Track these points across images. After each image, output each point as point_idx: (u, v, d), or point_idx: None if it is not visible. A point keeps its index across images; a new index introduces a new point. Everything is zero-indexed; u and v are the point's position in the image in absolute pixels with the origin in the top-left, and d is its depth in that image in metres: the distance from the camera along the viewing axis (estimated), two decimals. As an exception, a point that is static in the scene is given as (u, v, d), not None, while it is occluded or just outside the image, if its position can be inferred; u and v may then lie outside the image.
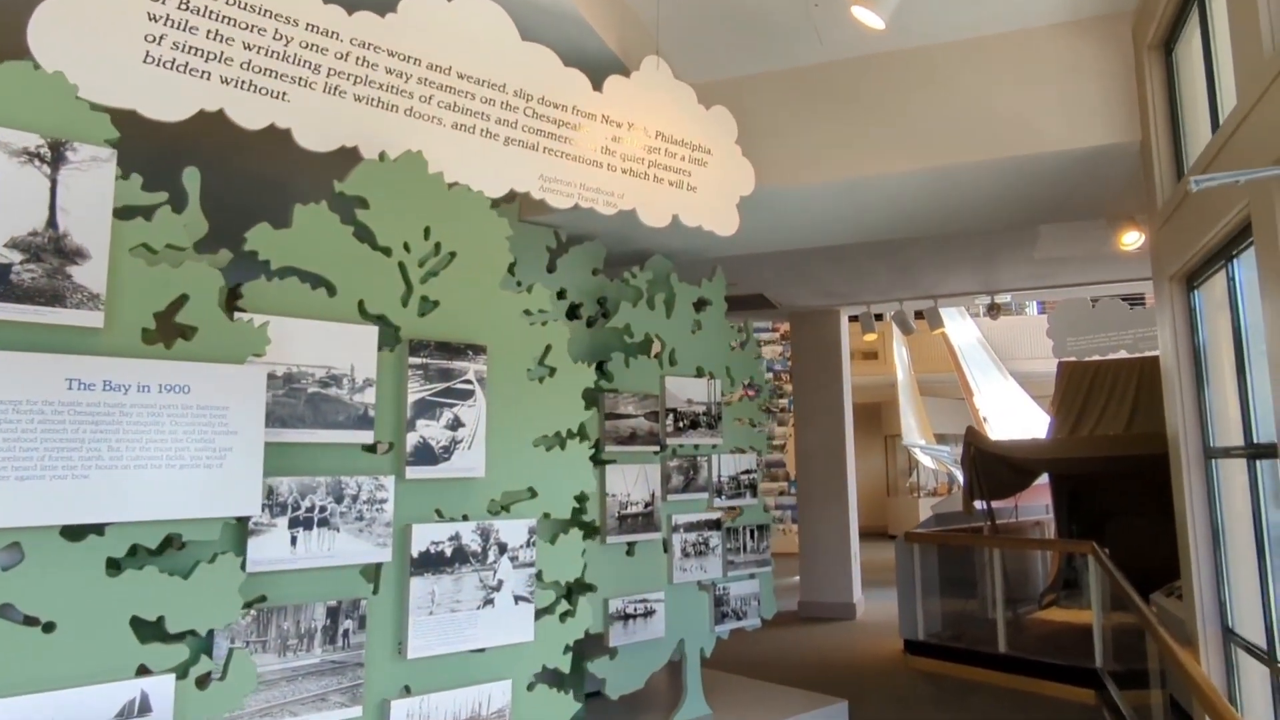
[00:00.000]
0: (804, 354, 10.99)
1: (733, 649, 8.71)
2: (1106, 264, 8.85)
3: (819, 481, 10.67)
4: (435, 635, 3.53)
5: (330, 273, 3.48)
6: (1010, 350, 17.36)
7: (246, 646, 3.09)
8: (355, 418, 3.41)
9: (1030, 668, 7.34)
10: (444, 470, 3.62)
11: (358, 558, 3.37)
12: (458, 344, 3.74)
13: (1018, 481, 9.15)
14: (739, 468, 6.43)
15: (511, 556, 3.77)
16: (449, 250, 3.81)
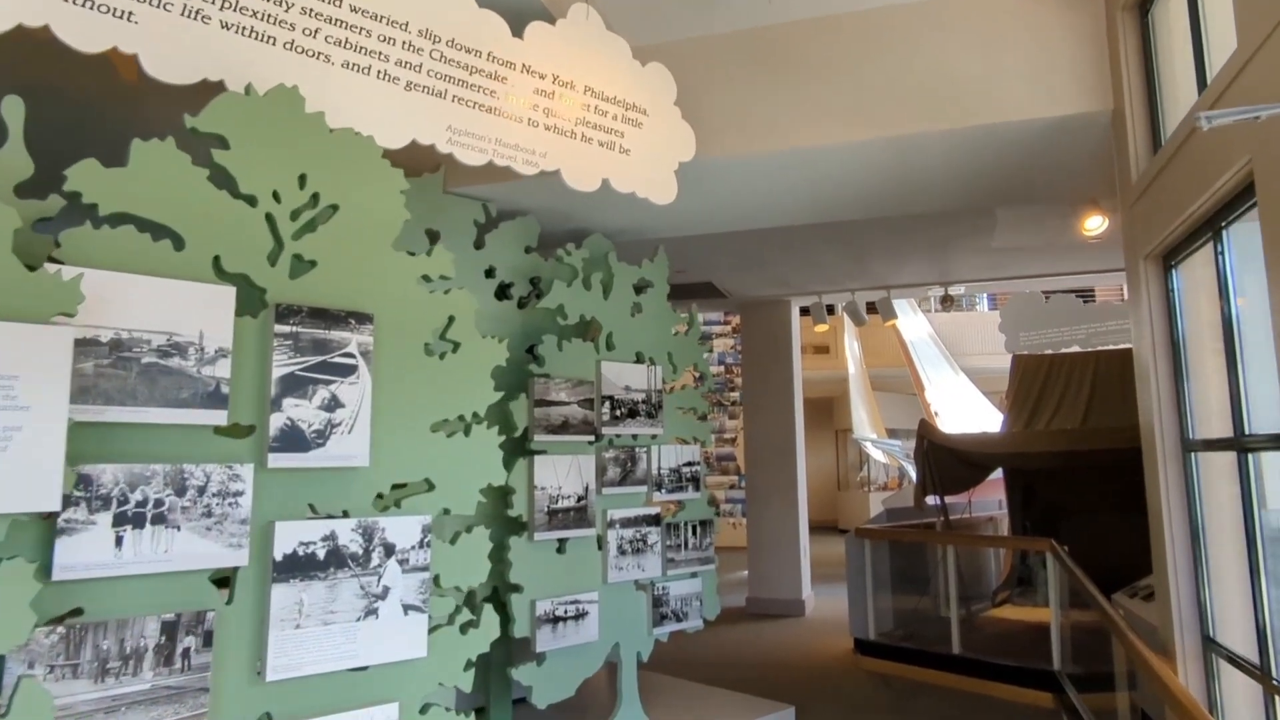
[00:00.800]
0: (754, 345, 10.43)
1: (676, 649, 8.11)
2: (1064, 254, 8.37)
3: (768, 475, 10.11)
4: (303, 652, 2.88)
5: (177, 222, 2.81)
6: (961, 346, 16.96)
7: (51, 672, 2.43)
8: (204, 394, 2.75)
9: (985, 669, 6.82)
10: (317, 458, 2.97)
11: (204, 561, 2.71)
12: (337, 311, 3.09)
13: (971, 476, 8.65)
14: (681, 460, 5.83)
15: (400, 559, 3.13)
16: (330, 203, 3.16)
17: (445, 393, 3.37)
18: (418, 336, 3.33)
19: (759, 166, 5.16)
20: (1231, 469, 3.71)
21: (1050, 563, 6.60)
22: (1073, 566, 6.04)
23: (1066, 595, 6.57)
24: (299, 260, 3.06)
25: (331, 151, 3.18)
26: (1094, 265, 8.87)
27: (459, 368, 3.43)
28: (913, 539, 7.67)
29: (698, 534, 5.85)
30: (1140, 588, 5.73)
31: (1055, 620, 6.54)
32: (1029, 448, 7.66)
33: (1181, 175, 3.64)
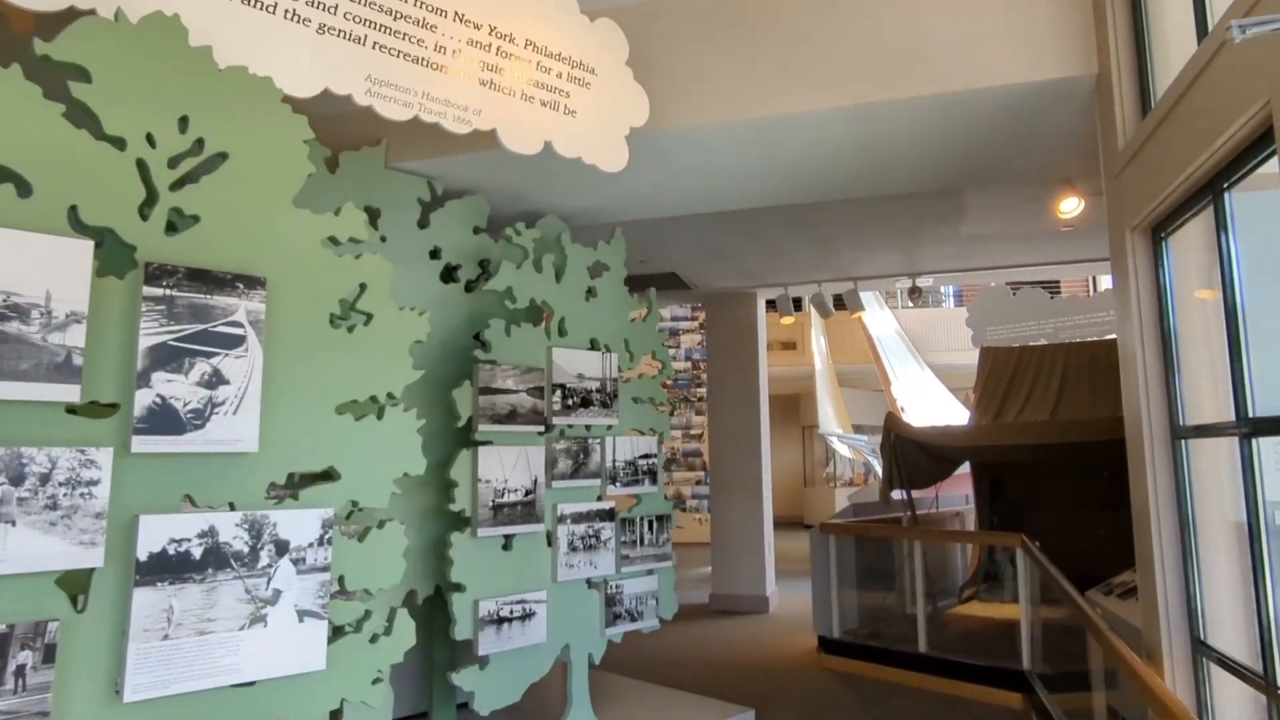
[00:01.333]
0: (719, 338, 10.00)
1: (635, 648, 7.66)
2: (1034, 244, 8.01)
3: (733, 470, 9.69)
4: (171, 667, 2.40)
5: (22, 164, 2.33)
6: (927, 342, 16.64)
7: None
8: (51, 366, 2.27)
9: (952, 669, 6.42)
10: (194, 442, 2.49)
11: (46, 562, 2.23)
12: (222, 274, 2.61)
13: (938, 470, 8.27)
14: (637, 451, 5.39)
15: (296, 558, 2.65)
16: (217, 150, 2.68)
17: (354, 370, 2.90)
18: (322, 305, 2.86)
19: (718, 138, 4.72)
20: (1227, 457, 3.32)
21: (1021, 559, 6.21)
22: (1045, 563, 5.66)
23: (1037, 592, 6.19)
24: (178, 214, 2.59)
25: (221, 93, 2.70)
26: (1063, 255, 8.52)
27: (371, 342, 2.96)
28: (878, 534, 7.28)
29: (654, 529, 5.41)
30: (1116, 584, 5.36)
31: (1025, 618, 6.16)
32: (997, 440, 7.29)
33: (1176, 136, 3.24)
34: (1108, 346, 8.36)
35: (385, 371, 2.98)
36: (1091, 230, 7.63)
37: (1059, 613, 6.80)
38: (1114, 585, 5.35)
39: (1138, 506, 3.93)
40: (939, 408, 13.91)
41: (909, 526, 7.61)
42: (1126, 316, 3.88)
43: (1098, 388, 8.16)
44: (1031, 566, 6.15)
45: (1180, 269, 3.66)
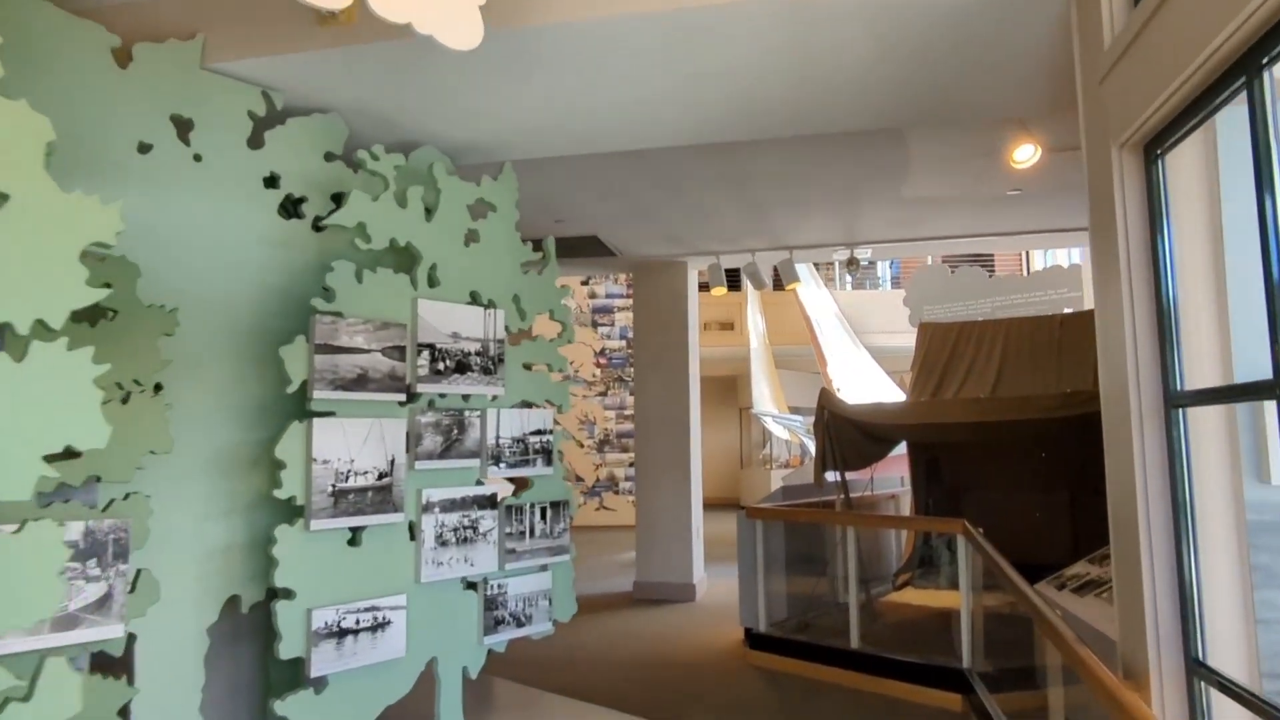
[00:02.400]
0: (647, 309, 9.03)
1: (543, 645, 6.69)
2: (979, 210, 7.17)
3: (660, 450, 8.75)
4: None
5: None
6: (863, 324, 15.88)
7: None
8: None
9: (886, 667, 5.56)
10: None
11: None
12: None
13: (874, 450, 7.42)
14: (528, 426, 4.40)
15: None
16: None
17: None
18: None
19: (613, 39, 3.72)
20: (1251, 431, 2.45)
21: (962, 546, 5.36)
22: (991, 551, 4.81)
23: (979, 584, 5.35)
24: None
25: None
26: (1008, 225, 7.71)
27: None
28: (809, 519, 6.39)
29: (549, 518, 4.44)
30: (1069, 577, 4.52)
31: (965, 612, 5.32)
32: (936, 418, 6.44)
33: (1183, 17, 2.34)
34: (1049, 323, 7.59)
35: (24, 293, 1.94)
36: (1040, 197, 6.81)
37: (999, 602, 5.99)
38: (1066, 578, 4.52)
39: (1117, 492, 3.06)
40: (875, 390, 13.14)
41: (842, 511, 6.74)
42: (1108, 257, 2.98)
43: (1040, 365, 7.37)
44: (973, 555, 5.31)
45: (1181, 194, 2.77)
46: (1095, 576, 4.19)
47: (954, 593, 7.61)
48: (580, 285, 15.60)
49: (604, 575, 10.20)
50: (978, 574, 5.27)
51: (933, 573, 7.89)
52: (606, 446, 15.41)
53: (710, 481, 20.34)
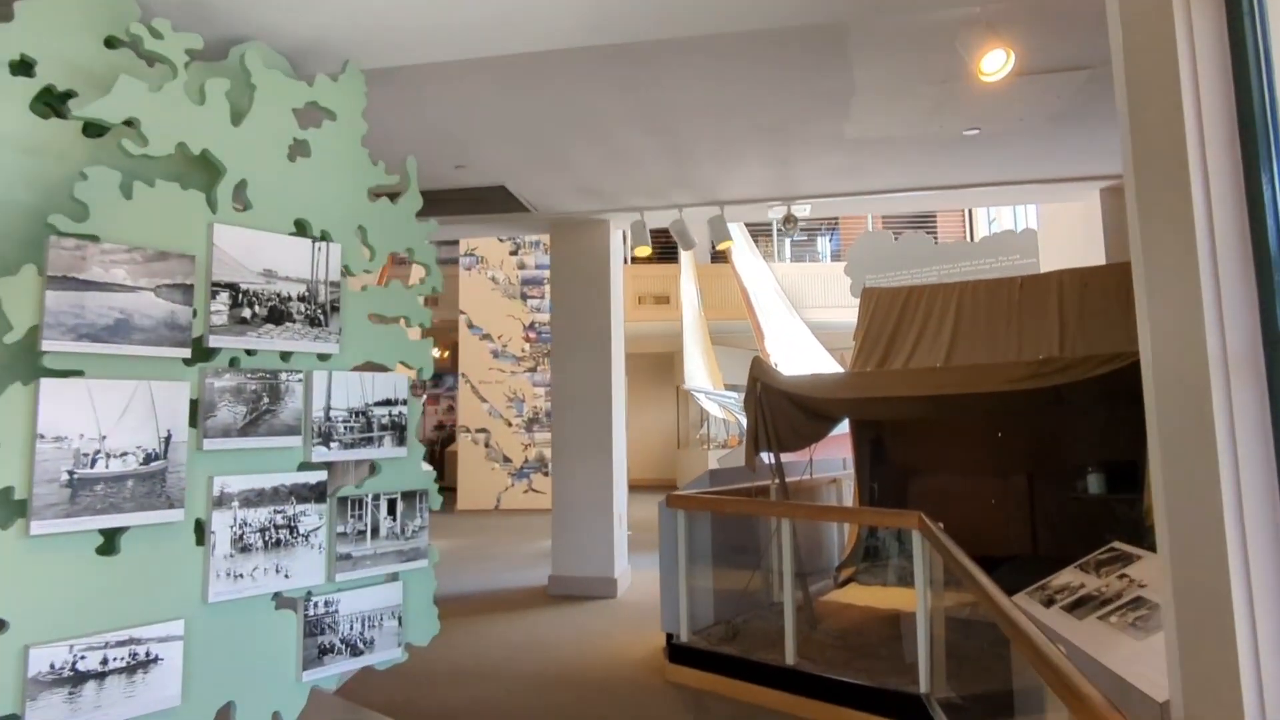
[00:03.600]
0: (565, 272, 8.01)
1: (431, 653, 5.68)
2: (930, 156, 6.29)
3: (578, 428, 7.77)
4: None
5: None
6: (802, 298, 15.08)
7: None
8: None
9: (828, 690, 4.66)
10: None
11: None
12: None
13: (813, 429, 6.52)
14: (373, 395, 3.38)
15: None
16: None
17: None
18: None
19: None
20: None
21: (918, 545, 4.47)
22: (956, 552, 3.92)
23: (939, 589, 4.47)
24: None
25: None
26: (964, 174, 6.85)
27: None
28: (737, 510, 5.48)
29: (400, 513, 3.42)
30: (1057, 590, 3.65)
31: (922, 626, 4.43)
32: (883, 391, 5.55)
33: None
34: (1008, 286, 6.76)
35: None
36: (1002, 140, 5.95)
37: (961, 605, 5.15)
38: (1053, 590, 3.64)
39: (1175, 476, 2.12)
40: (816, 367, 12.33)
41: (777, 501, 5.83)
42: (1161, 158, 2.03)
43: (997, 332, 6.54)
44: (931, 556, 4.42)
45: None
46: (1095, 591, 3.32)
47: (904, 590, 6.80)
48: (509, 255, 14.50)
49: (520, 566, 9.21)
50: (937, 577, 4.40)
51: (879, 566, 7.05)
52: (536, 425, 14.39)
53: (646, 462, 19.52)
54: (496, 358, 14.45)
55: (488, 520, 13.06)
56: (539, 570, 8.58)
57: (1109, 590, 3.33)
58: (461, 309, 14.50)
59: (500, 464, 14.25)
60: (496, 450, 14.30)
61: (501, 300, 14.45)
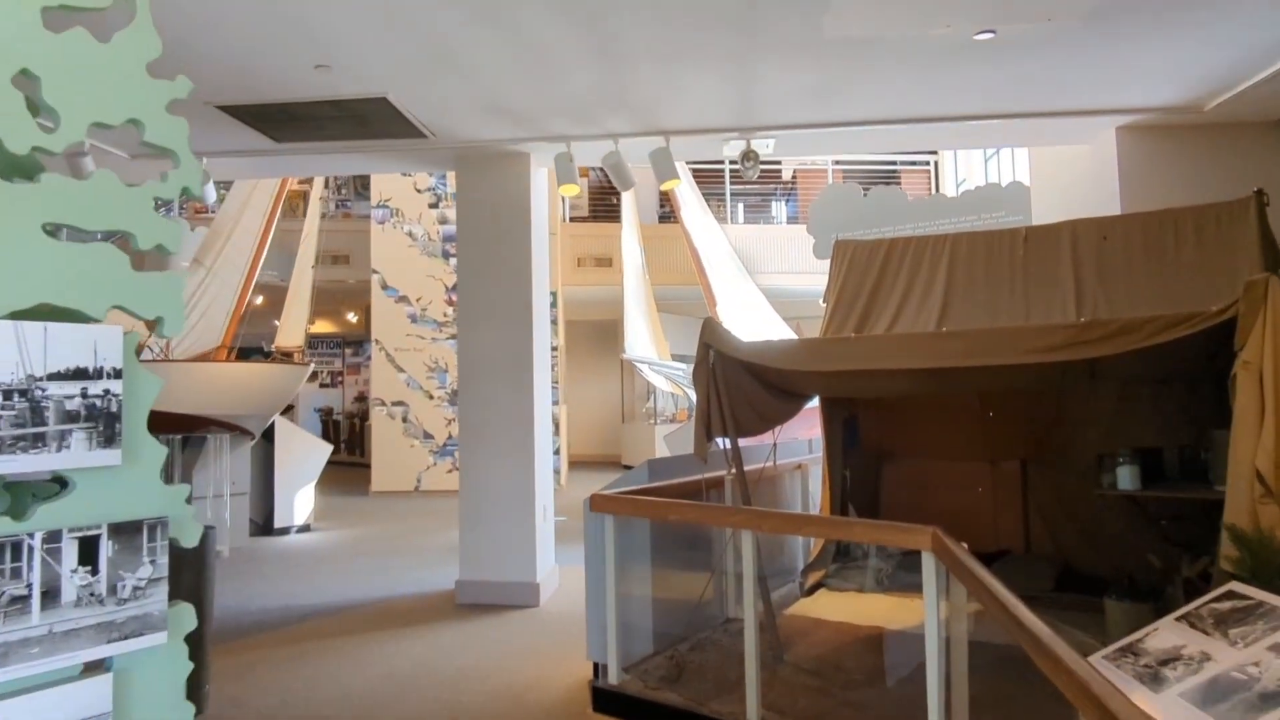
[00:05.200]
0: (474, 217, 6.53)
1: (291, 690, 4.28)
2: (924, 74, 4.97)
3: (491, 407, 6.36)
4: None
5: None
6: (756, 263, 13.77)
7: None
8: None
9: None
10: None
11: None
12: None
13: (778, 408, 5.23)
14: (45, 363, 1.92)
15: None
16: None
17: None
18: None
19: None
20: None
21: (932, 570, 3.15)
22: (996, 589, 2.62)
23: (962, 635, 3.18)
24: None
25: None
26: (960, 104, 5.55)
27: None
28: (685, 517, 4.11)
29: (105, 561, 1.99)
30: (1162, 660, 2.33)
31: (934, 677, 3.12)
32: (875, 361, 4.21)
33: None
34: (1010, 239, 5.48)
35: None
36: (1015, 54, 4.67)
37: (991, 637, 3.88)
38: (1155, 658, 2.33)
39: None
40: (772, 337, 11.05)
41: (737, 509, 4.47)
42: None
43: (999, 292, 5.26)
44: (950, 585, 3.13)
45: None
46: (1241, 672, 1.99)
47: (883, 598, 5.57)
48: (429, 209, 12.89)
49: (432, 562, 7.82)
50: (958, 614, 3.10)
51: (853, 568, 5.80)
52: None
53: (588, 438, 18.15)
54: (415, 323, 12.88)
55: (405, 504, 11.60)
56: (453, 569, 7.20)
57: (1266, 672, 2.06)
58: (374, 268, 12.87)
59: (420, 441, 12.75)
60: (416, 425, 12.79)
61: (420, 259, 12.84)
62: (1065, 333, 3.77)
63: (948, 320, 5.24)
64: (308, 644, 5.33)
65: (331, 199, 18.34)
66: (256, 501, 9.02)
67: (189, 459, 8.14)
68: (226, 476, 8.16)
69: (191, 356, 9.11)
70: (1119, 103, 5.69)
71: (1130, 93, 5.49)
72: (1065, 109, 5.79)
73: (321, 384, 19.21)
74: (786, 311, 12.71)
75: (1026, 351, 3.84)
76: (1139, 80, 5.27)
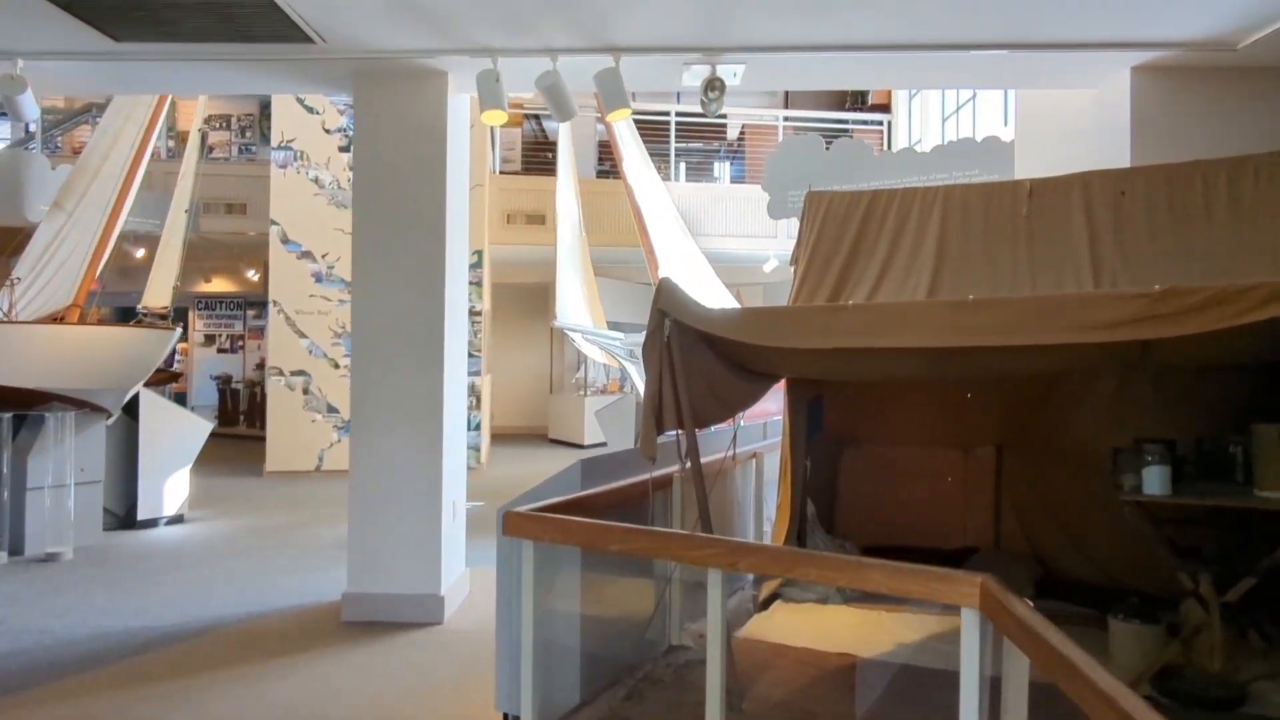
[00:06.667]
0: (375, 151, 5.37)
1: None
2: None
3: (391, 384, 5.27)
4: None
5: None
6: (699, 224, 12.81)
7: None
8: None
9: None
10: None
11: None
12: None
13: (743, 393, 4.30)
14: None
15: None
16: None
17: None
18: None
19: None
20: None
21: (975, 639, 2.24)
22: (1086, 668, 1.71)
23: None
24: None
25: None
26: (966, 29, 4.63)
27: None
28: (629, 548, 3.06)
29: None
30: None
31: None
32: (884, 337, 3.28)
33: None
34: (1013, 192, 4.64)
35: None
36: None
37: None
38: None
39: None
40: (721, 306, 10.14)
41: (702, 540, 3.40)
42: None
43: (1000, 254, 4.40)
44: (1001, 651, 2.23)
45: None
46: None
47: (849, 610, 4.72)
48: (339, 153, 11.50)
49: (325, 563, 6.72)
50: (1016, 705, 2.19)
51: (817, 579, 4.90)
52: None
53: (513, 409, 17.02)
54: (320, 282, 11.54)
55: (305, 487, 10.37)
56: (333, 583, 6.09)
57: None
58: (273, 218, 11.44)
59: (324, 415, 11.49)
60: (319, 398, 11.51)
61: (328, 209, 11.45)
62: (1136, 304, 2.87)
63: (941, 286, 4.39)
64: (142, 688, 4.17)
65: (234, 142, 16.71)
66: (115, 490, 7.67)
67: (23, 443, 6.77)
68: (70, 461, 6.81)
69: (42, 317, 7.74)
70: (1138, 34, 4.86)
71: (1153, 23, 4.67)
72: (1076, 40, 4.95)
73: (220, 349, 17.63)
74: (726, 278, 11.83)
75: (1086, 328, 2.94)
76: (1164, 7, 4.45)
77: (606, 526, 2.91)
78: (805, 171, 8.26)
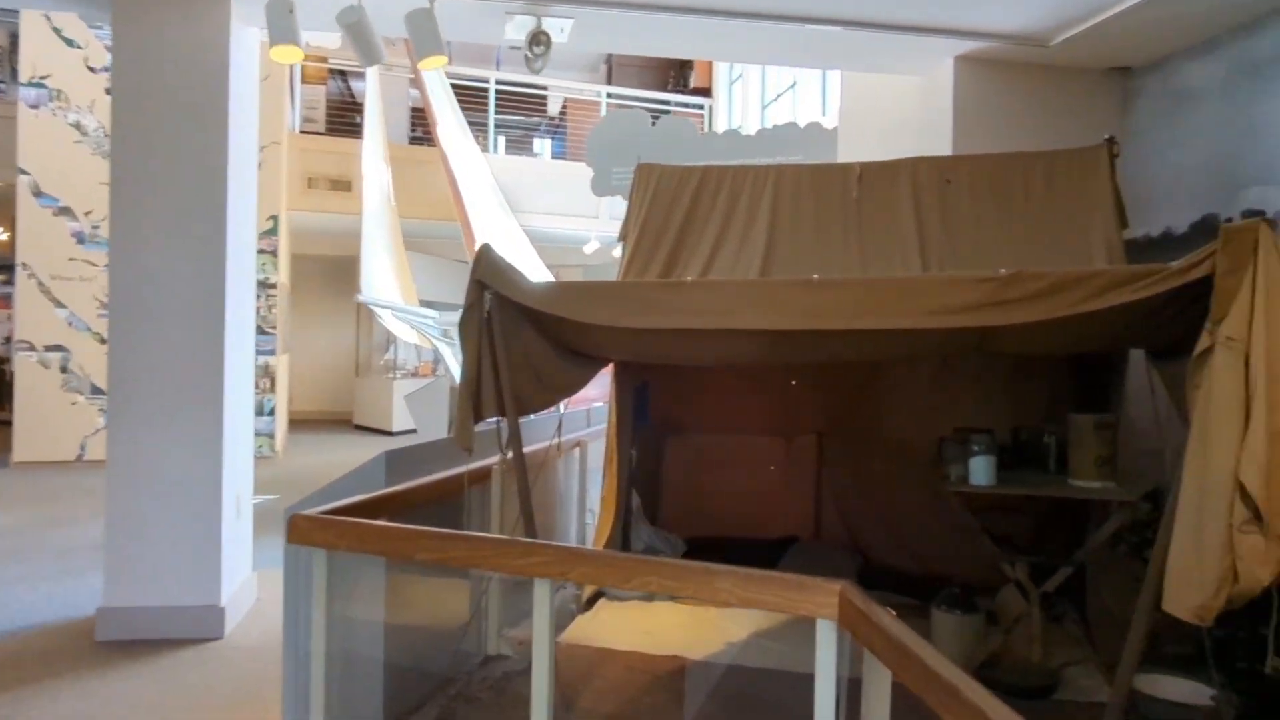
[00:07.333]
0: (139, 86, 4.57)
1: None
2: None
3: (158, 363, 4.53)
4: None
5: None
6: (517, 200, 12.33)
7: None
8: None
9: None
10: None
11: None
12: None
13: (570, 376, 3.97)
14: None
15: None
16: None
17: None
18: None
19: None
20: None
21: (831, 647, 2.03)
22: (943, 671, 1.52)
23: None
24: None
25: None
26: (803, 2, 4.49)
27: None
28: (442, 558, 2.64)
29: None
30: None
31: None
32: (726, 318, 3.03)
33: None
34: (844, 174, 4.59)
35: None
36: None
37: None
38: None
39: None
40: (536, 281, 9.72)
41: (532, 547, 3.01)
42: None
43: (831, 236, 4.32)
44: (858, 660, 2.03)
45: None
46: None
47: (672, 607, 4.51)
48: (106, 95, 10.12)
49: (76, 571, 5.82)
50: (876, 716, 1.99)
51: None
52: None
53: (313, 393, 15.84)
54: (83, 244, 10.12)
55: (61, 479, 9.08)
56: (87, 594, 5.25)
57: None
58: (22, 167, 9.91)
59: (87, 397, 10.12)
60: (81, 377, 10.13)
61: (92, 160, 10.01)
62: (983, 289, 2.78)
63: (773, 266, 4.28)
64: None
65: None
66: None
67: None
68: None
69: None
70: (961, 21, 4.92)
71: (974, 9, 4.72)
72: (905, 22, 4.94)
73: (-39, 319, 15.29)
74: (546, 259, 11.45)
75: (930, 312, 2.83)
76: (982, -4, 4.52)
77: (413, 531, 2.48)
78: (630, 147, 8.01)
